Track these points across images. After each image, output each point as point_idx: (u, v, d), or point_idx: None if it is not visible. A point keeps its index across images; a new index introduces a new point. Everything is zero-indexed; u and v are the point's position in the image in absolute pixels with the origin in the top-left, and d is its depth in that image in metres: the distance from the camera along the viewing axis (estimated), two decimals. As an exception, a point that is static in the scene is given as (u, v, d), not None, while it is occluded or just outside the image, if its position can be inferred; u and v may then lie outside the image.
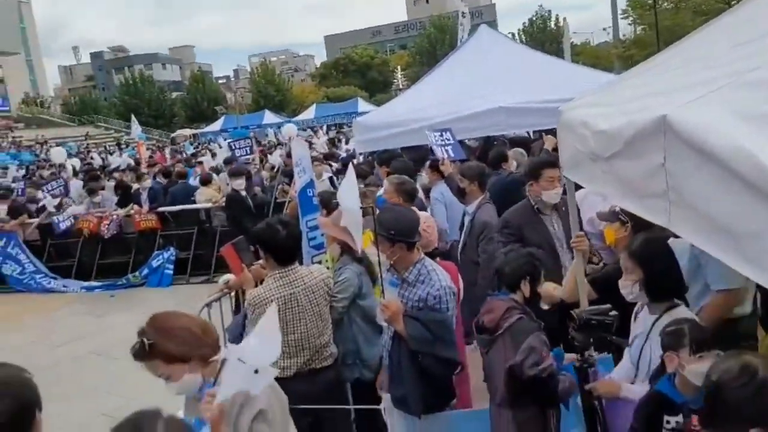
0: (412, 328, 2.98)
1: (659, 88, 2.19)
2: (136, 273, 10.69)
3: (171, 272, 10.58)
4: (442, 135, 6.38)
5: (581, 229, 3.57)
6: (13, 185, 16.62)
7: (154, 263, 10.66)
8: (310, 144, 16.83)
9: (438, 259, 3.69)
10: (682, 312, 2.68)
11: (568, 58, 8.78)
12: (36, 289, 10.97)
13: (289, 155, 6.07)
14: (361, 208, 3.25)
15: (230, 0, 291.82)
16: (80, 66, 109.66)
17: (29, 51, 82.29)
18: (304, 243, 3.93)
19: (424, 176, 6.62)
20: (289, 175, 9.09)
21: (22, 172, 22.19)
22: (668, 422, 2.36)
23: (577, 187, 3.27)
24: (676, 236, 2.21)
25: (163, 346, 2.30)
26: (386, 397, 3.39)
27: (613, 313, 2.77)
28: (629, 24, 33.94)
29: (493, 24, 45.71)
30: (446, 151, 6.24)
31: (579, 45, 51.94)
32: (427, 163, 6.62)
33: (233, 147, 13.59)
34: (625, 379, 2.86)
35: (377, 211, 3.38)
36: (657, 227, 2.07)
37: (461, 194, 5.28)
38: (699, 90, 1.74)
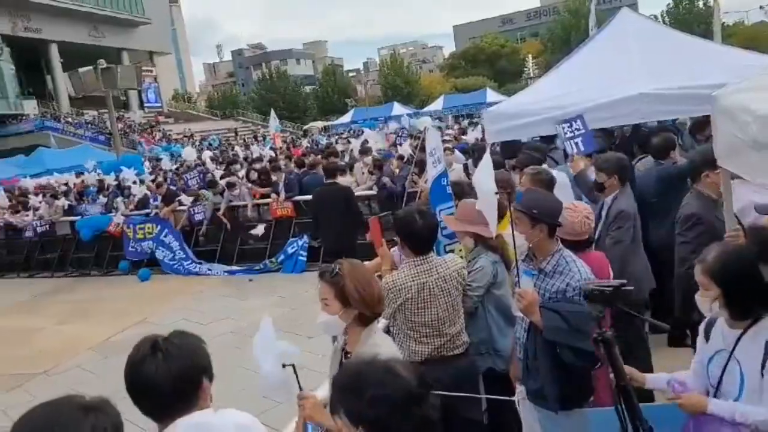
0: (549, 318, 2.90)
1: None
2: (273, 258, 11.29)
3: (304, 259, 11.06)
4: (571, 125, 5.70)
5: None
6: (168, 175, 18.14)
7: (289, 250, 11.21)
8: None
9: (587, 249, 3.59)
10: None
11: (719, 40, 8.10)
12: (184, 273, 11.90)
13: (422, 148, 6.12)
14: (496, 193, 3.24)
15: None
16: (222, 63, 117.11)
17: (179, 51, 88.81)
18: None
19: (568, 166, 6.34)
20: (418, 165, 9.16)
21: (174, 164, 24.03)
22: None
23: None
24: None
25: (345, 280, 2.59)
26: (520, 390, 3.35)
27: (627, 288, 2.58)
28: (790, 0, 30.66)
29: (634, 7, 43.27)
30: (576, 144, 5.62)
31: (731, 26, 47.86)
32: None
33: (399, 134, 14.22)
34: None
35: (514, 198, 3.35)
36: None
37: (599, 189, 4.91)
38: None
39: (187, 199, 12.80)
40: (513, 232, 2.99)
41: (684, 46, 7.44)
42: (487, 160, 3.36)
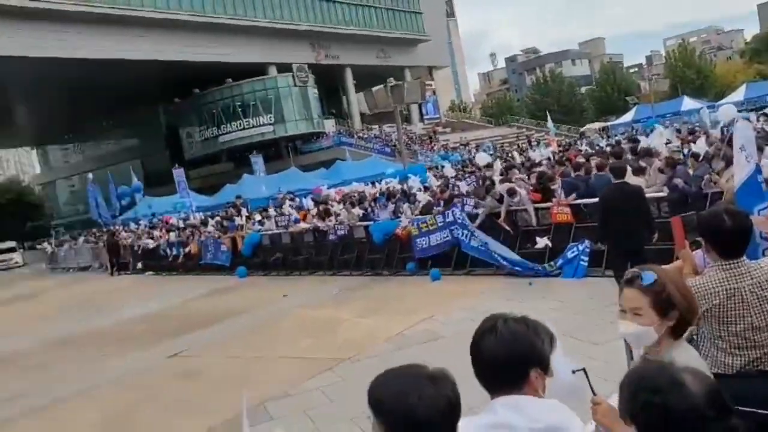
0: None
1: None
2: (551, 262, 11.13)
3: (586, 264, 10.71)
4: None
5: None
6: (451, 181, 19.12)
7: (569, 254, 10.94)
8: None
9: None
10: None
11: None
12: (481, 253, 12.19)
13: (729, 142, 5.45)
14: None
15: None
16: (496, 71, 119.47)
17: (454, 63, 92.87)
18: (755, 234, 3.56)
19: None
20: (725, 160, 8.27)
21: (454, 171, 25.25)
22: None
23: None
24: None
25: (668, 287, 2.39)
26: None
27: None
28: None
29: None
30: None
31: None
32: None
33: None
34: None
35: None
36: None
37: None
38: None
39: (465, 186, 13.36)
40: None
41: None
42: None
